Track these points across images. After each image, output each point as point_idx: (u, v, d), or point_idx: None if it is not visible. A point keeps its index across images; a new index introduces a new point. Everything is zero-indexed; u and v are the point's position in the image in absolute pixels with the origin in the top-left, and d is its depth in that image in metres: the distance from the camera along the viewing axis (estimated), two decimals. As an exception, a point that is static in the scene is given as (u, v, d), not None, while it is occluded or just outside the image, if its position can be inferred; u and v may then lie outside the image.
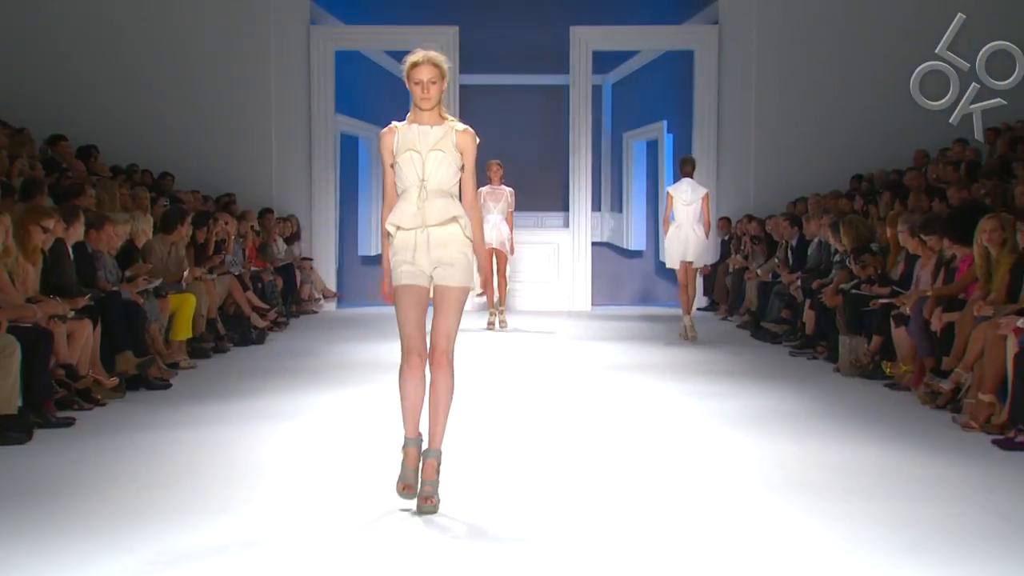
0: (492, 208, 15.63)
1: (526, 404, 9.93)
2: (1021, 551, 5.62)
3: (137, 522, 6.05)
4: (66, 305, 9.52)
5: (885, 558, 5.46)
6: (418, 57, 6.45)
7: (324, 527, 6.01)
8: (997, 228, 9.85)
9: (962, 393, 9.31)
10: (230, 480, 7.06)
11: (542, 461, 7.66)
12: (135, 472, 7.32)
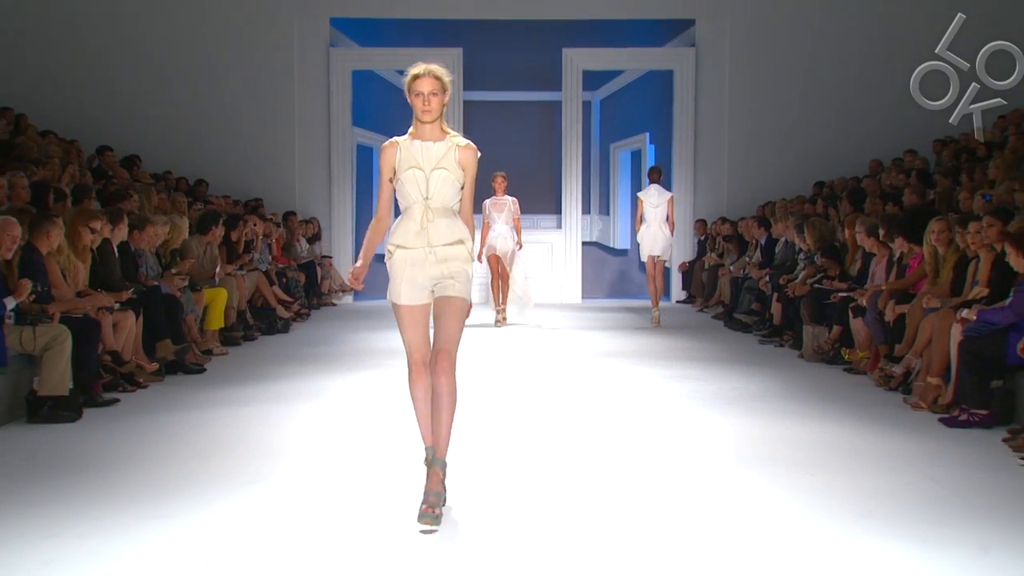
0: (497, 218, 15.02)
1: (523, 388, 9.94)
2: (963, 517, 5.63)
3: (176, 491, 6.08)
4: (112, 298, 9.55)
5: (843, 523, 5.47)
6: (419, 69, 5.78)
7: (344, 496, 6.02)
8: (944, 229, 9.89)
9: (912, 377, 9.34)
10: (259, 454, 7.07)
11: (538, 438, 7.68)
12: (174, 447, 7.33)
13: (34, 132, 15.59)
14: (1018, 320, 7.86)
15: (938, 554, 5.00)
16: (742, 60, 18.81)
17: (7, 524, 5.46)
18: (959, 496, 6.11)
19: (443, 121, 5.82)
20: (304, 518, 5.57)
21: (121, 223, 10.59)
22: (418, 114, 5.73)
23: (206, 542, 5.17)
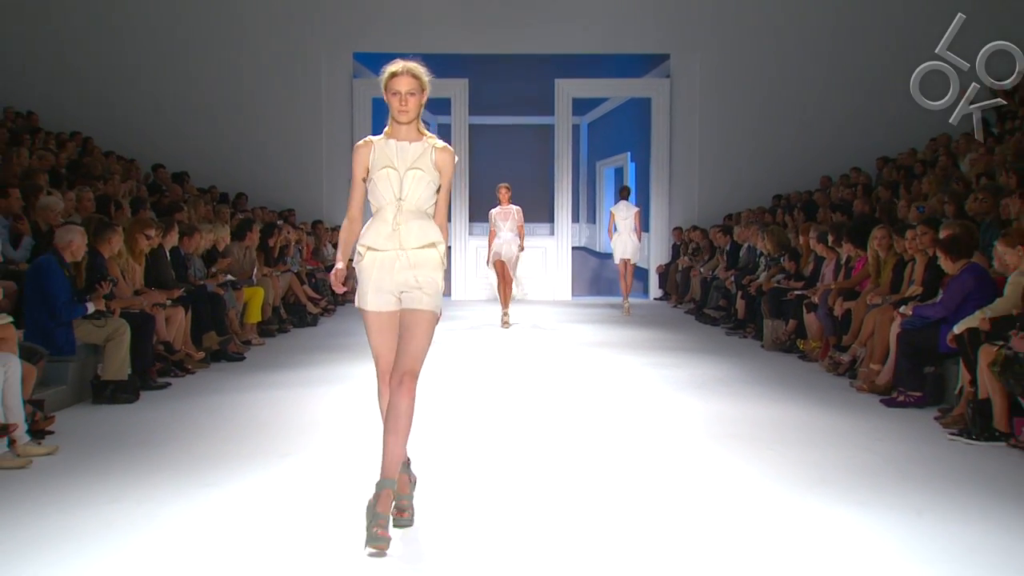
0: (502, 226, 14.18)
1: (521, 374, 9.96)
2: (900, 484, 5.66)
3: (220, 463, 6.10)
4: (164, 295, 9.57)
5: (798, 490, 5.49)
6: (397, 67, 4.93)
7: (366, 468, 6.03)
8: (885, 236, 9.92)
9: (857, 364, 9.36)
10: (292, 431, 7.09)
11: (532, 417, 7.70)
12: (218, 425, 7.36)
13: (99, 153, 15.63)
14: (948, 314, 7.88)
15: (879, 517, 5.02)
16: (711, 90, 18.82)
17: (75, 491, 5.49)
18: (897, 466, 6.14)
19: (419, 123, 4.99)
20: (331, 487, 5.58)
21: (172, 231, 10.61)
22: (394, 114, 4.89)
23: (246, 507, 5.19)
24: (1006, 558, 4.44)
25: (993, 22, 15.38)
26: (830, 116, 18.51)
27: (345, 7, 18.69)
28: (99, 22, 18.41)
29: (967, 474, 5.94)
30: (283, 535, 4.73)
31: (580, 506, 5.22)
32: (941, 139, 16.16)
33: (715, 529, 4.83)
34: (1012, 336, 6.57)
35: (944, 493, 5.49)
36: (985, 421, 6.73)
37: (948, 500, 5.34)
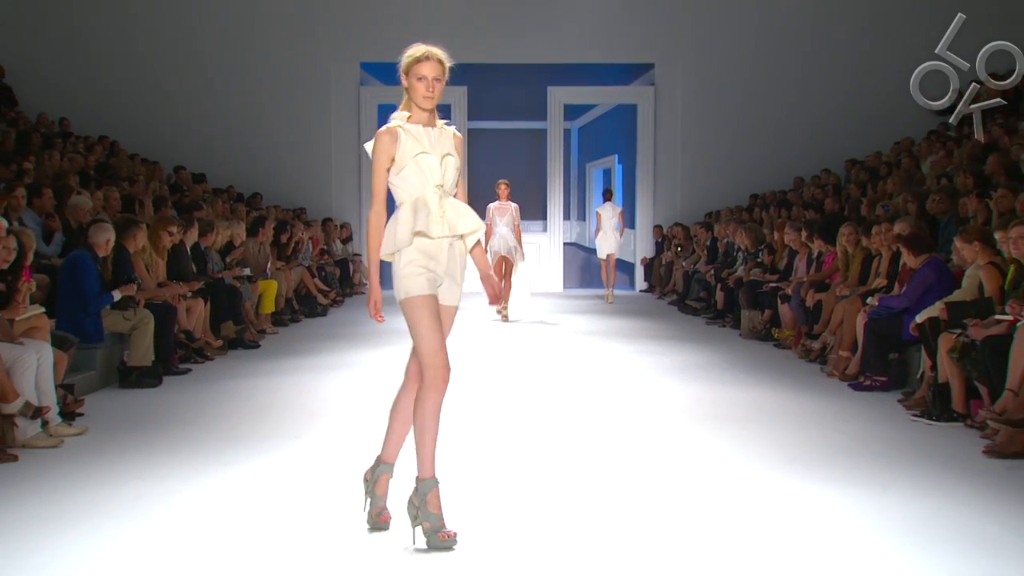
0: (499, 222, 13.37)
1: (517, 361, 9.98)
2: (867, 462, 5.68)
3: (236, 443, 6.11)
4: (185, 287, 9.56)
5: (772, 468, 5.52)
6: (421, 51, 4.37)
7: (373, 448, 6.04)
8: (852, 232, 9.93)
9: (827, 351, 9.37)
10: (303, 414, 7.10)
11: (528, 400, 7.72)
12: (235, 407, 7.36)
13: (124, 155, 15.61)
14: (910, 305, 7.90)
15: (847, 491, 5.04)
16: (692, 97, 18.82)
17: (104, 468, 5.50)
18: (864, 445, 6.17)
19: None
20: (340, 466, 5.59)
21: (192, 227, 10.59)
22: (419, 100, 4.34)
23: (261, 484, 5.21)
24: (963, 528, 4.47)
25: (993, 22, 15.10)
26: (802, 121, 18.52)
27: (353, 19, 18.65)
28: (125, 37, 18.39)
29: (928, 452, 5.96)
30: (294, 511, 4.75)
31: (569, 483, 5.23)
32: (904, 142, 16.20)
33: (695, 504, 4.85)
34: (969, 325, 6.60)
35: (907, 470, 5.51)
36: (944, 403, 6.76)
37: (910, 476, 5.36)
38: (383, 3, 18.61)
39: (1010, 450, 5.72)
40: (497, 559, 4.08)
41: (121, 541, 4.29)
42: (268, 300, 12.07)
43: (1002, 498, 4.94)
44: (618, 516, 4.64)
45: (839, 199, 14.24)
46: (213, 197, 15.40)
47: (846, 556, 4.11)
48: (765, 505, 4.82)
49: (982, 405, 6.42)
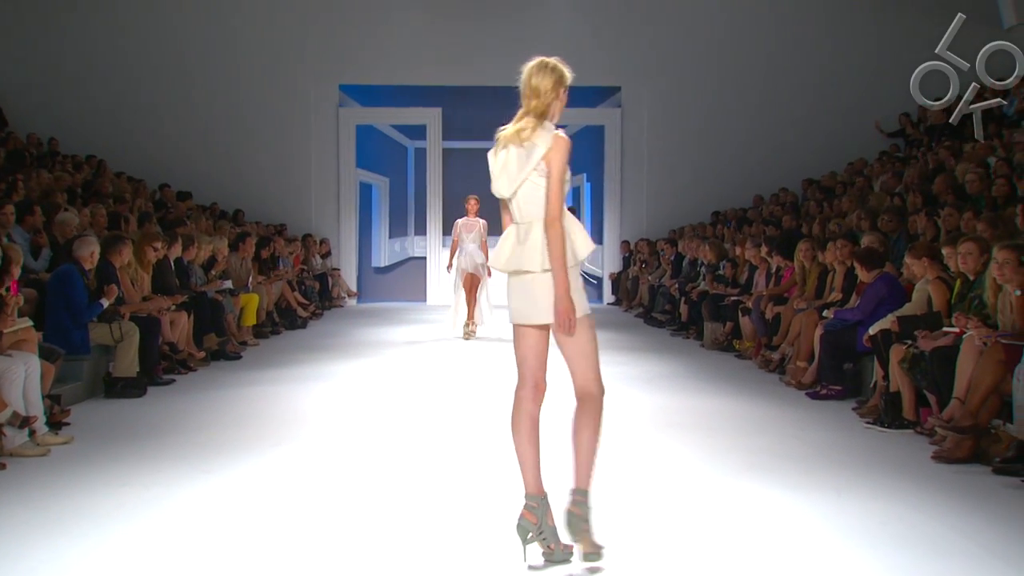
0: (466, 238, 12.67)
1: (489, 371, 9.97)
2: (822, 467, 5.72)
3: (218, 452, 6.08)
4: (169, 301, 9.50)
5: (732, 473, 5.54)
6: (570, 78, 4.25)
7: (351, 456, 6.04)
8: (809, 248, 10.01)
9: (786, 361, 9.43)
10: (283, 423, 7.07)
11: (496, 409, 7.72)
12: (217, 417, 7.32)
13: (111, 173, 15.51)
14: (864, 317, 7.97)
15: (804, 496, 5.07)
16: (657, 118, 18.92)
17: (89, 476, 5.46)
18: (820, 452, 6.20)
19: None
20: (319, 473, 5.58)
21: (176, 243, 10.53)
22: (557, 120, 4.30)
23: (243, 492, 5.18)
24: (914, 530, 4.51)
25: (993, 22, 15.04)
26: (762, 142, 18.65)
27: (331, 43, 18.64)
28: (113, 60, 18.28)
29: (880, 458, 6.01)
30: (275, 516, 4.73)
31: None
32: (858, 163, 16.39)
33: (659, 508, 4.87)
34: (919, 336, 6.68)
35: (861, 474, 5.56)
36: (896, 411, 6.82)
37: (864, 480, 5.41)
38: (361, 28, 18.61)
39: (957, 455, 5.78)
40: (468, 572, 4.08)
41: (107, 547, 4.26)
42: (250, 313, 12.02)
43: (950, 501, 4.99)
44: (601, 532, 4.65)
45: (797, 216, 14.36)
46: (197, 214, 15.33)
47: (803, 557, 4.14)
48: (726, 509, 4.85)
49: (931, 413, 6.49)
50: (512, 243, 4.01)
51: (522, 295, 4.01)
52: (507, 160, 4.03)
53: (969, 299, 6.64)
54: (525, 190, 3.98)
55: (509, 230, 4.06)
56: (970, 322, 6.17)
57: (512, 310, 4.08)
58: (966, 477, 5.49)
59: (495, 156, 4.12)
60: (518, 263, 3.98)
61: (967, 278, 6.82)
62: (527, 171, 3.96)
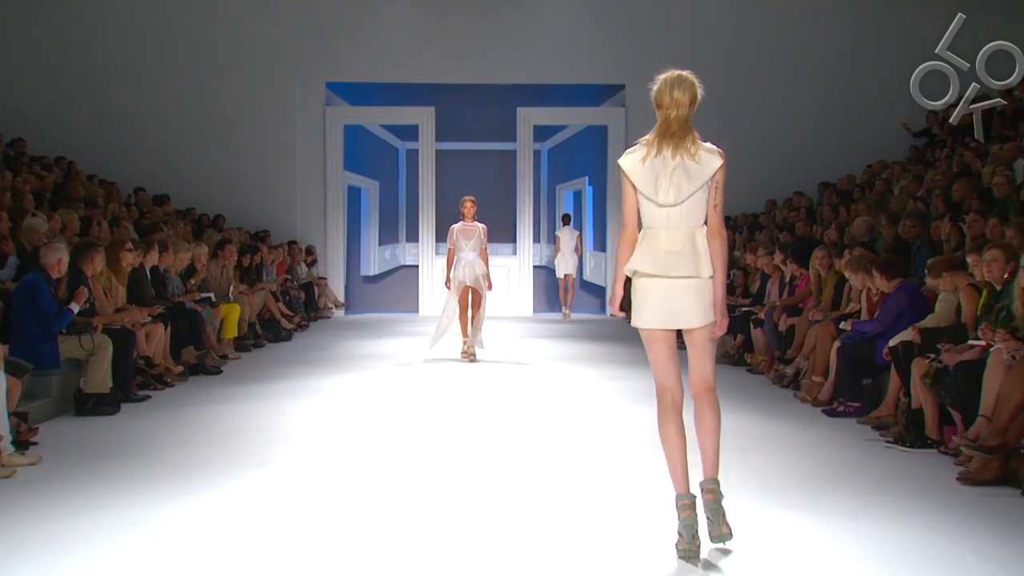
0: (464, 246, 11.80)
1: (486, 385, 9.96)
2: (840, 489, 5.72)
3: (198, 472, 6.07)
4: (144, 312, 9.50)
5: (744, 495, 5.51)
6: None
7: (339, 476, 6.03)
8: (826, 256, 10.02)
9: (801, 376, 9.44)
10: (266, 441, 7.06)
11: (494, 427, 7.72)
12: (196, 435, 7.31)
13: (82, 176, 15.50)
14: (883, 329, 7.98)
15: (820, 519, 5.07)
16: (663, 118, 18.91)
17: (61, 498, 5.45)
18: (837, 472, 6.21)
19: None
20: (306, 495, 5.57)
21: (152, 250, 10.54)
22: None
23: (224, 514, 5.17)
24: (935, 556, 4.51)
25: (993, 22, 15.21)
26: (775, 143, 18.66)
27: (318, 39, 18.67)
28: (84, 55, 18.28)
29: (901, 479, 6.01)
30: (258, 540, 4.72)
31: (537, 514, 5.23)
32: (877, 166, 16.41)
33: (665, 533, 4.86)
34: (942, 350, 6.68)
35: (880, 497, 5.56)
36: (918, 430, 6.82)
37: (883, 503, 5.40)
38: (349, 23, 18.64)
39: (983, 477, 5.78)
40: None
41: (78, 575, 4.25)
42: (230, 325, 12.01)
43: (976, 526, 4.99)
44: (588, 548, 4.65)
45: (812, 222, 14.38)
46: (174, 219, 15.33)
47: (819, 584, 4.14)
48: (737, 532, 4.84)
49: (956, 431, 6.49)
50: (666, 249, 4.46)
51: (675, 300, 4.49)
52: (674, 169, 4.47)
53: (996, 310, 6.64)
54: (693, 200, 4.46)
55: (652, 234, 4.49)
56: (997, 334, 6.17)
57: (653, 314, 4.54)
58: (993, 500, 5.49)
59: (643, 162, 4.52)
60: (690, 269, 4.44)
61: (994, 288, 6.82)
62: (701, 184, 4.47)
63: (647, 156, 4.51)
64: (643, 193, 4.49)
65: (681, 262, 4.43)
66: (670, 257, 4.44)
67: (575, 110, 20.21)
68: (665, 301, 4.49)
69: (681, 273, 4.44)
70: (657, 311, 4.51)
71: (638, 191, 4.51)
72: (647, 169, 4.48)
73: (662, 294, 4.48)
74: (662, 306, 4.50)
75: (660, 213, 4.48)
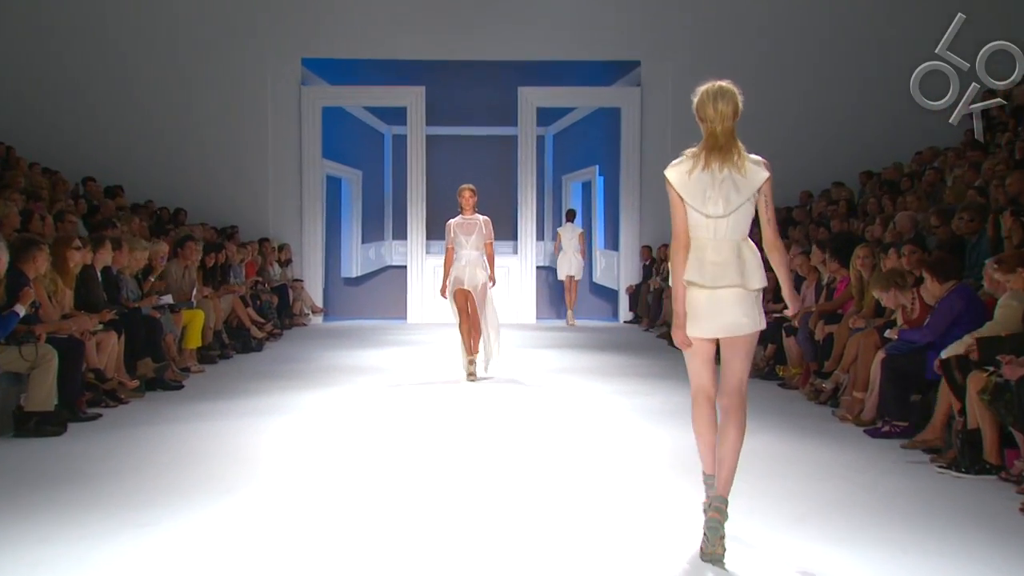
0: (465, 243, 11.29)
1: (485, 403, 9.95)
2: (885, 520, 5.71)
3: (156, 501, 6.05)
4: (95, 319, 9.49)
5: (777, 527, 5.52)
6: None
7: (315, 505, 6.02)
8: (868, 255, 10.00)
9: (840, 391, 9.42)
10: (233, 466, 7.04)
11: (495, 450, 7.70)
12: (153, 459, 7.29)
13: (23, 164, 15.49)
14: (935, 339, 7.96)
15: (863, 555, 5.06)
16: (684, 99, 18.67)
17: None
18: (882, 501, 6.19)
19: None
20: (278, 526, 5.56)
21: (104, 249, 10.51)
22: None
23: (186, 549, 5.15)
24: (996, 597, 4.50)
25: (993, 22, 15.40)
26: (811, 127, 18.67)
27: (292, 9, 18.71)
28: (25, 23, 18.30)
29: (955, 509, 6.00)
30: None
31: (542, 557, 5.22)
32: (927, 153, 16.37)
33: (687, 567, 4.84)
34: (1003, 362, 6.64)
35: (931, 530, 5.54)
36: (974, 453, 6.80)
37: (935, 537, 5.39)
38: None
39: (1049, 506, 5.77)
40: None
41: (18, 617, 4.24)
42: (193, 333, 12.00)
43: (1040, 561, 4.98)
44: (600, 584, 4.64)
45: (853, 216, 14.37)
46: (129, 214, 15.33)
47: (862, 629, 4.13)
48: (769, 568, 4.83)
49: (1019, 455, 6.47)
50: (712, 260, 5.04)
51: (719, 310, 5.07)
52: (722, 181, 5.03)
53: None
54: (740, 211, 5.06)
55: (699, 246, 5.06)
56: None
57: (697, 324, 5.10)
58: (1059, 532, 5.49)
59: (690, 175, 5.05)
60: (735, 279, 5.03)
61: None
62: (748, 195, 5.05)
63: (693, 169, 5.05)
64: (691, 205, 5.03)
65: (726, 272, 5.02)
66: (716, 268, 5.02)
67: (584, 90, 20.21)
68: (709, 311, 5.07)
69: (726, 283, 5.02)
70: (701, 321, 5.09)
71: (685, 202, 5.04)
72: (694, 181, 5.02)
73: (706, 304, 5.06)
74: (706, 316, 5.08)
75: (707, 224, 5.04)
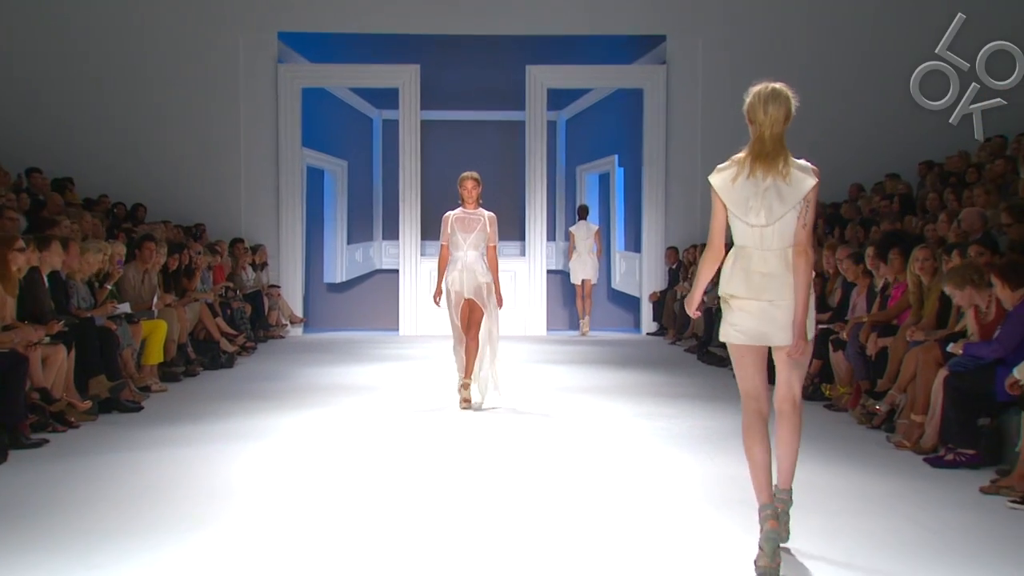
0: (463, 241, 10.77)
1: (489, 428, 9.92)
2: (951, 563, 5.68)
3: (109, 540, 6.02)
4: (41, 331, 9.47)
5: (824, 570, 5.50)
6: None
7: (293, 544, 5.99)
8: (929, 258, 9.96)
9: (896, 414, 9.38)
10: (200, 499, 7.02)
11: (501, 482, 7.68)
12: (107, 492, 7.26)
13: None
14: (1006, 354, 7.92)
15: (923, 602, 5.04)
16: (715, 78, 18.91)
17: (-74, 575, 5.42)
18: (944, 540, 6.16)
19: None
20: (250, 569, 5.54)
21: (51, 250, 10.48)
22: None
23: (142, 594, 5.15)
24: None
25: (993, 22, 15.57)
26: (861, 113, 18.63)
27: (268, -23, 18.76)
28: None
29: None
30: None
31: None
32: (997, 140, 16.31)
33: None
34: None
35: (1000, 571, 5.52)
36: (1052, 485, 6.78)
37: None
38: (309, -45, 18.72)
39: None
40: None
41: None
42: (154, 347, 12.00)
43: None
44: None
45: (910, 212, 14.32)
46: (80, 210, 15.32)
47: None
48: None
49: (1101, 487, 6.44)
50: (758, 270, 5.56)
51: (769, 318, 5.57)
52: (765, 189, 5.51)
53: None
54: (785, 220, 5.49)
55: (745, 255, 5.63)
56: None
57: (745, 331, 5.64)
58: None
59: (734, 182, 5.57)
60: (785, 290, 5.52)
61: None
62: (793, 204, 5.49)
63: (738, 176, 5.53)
64: (734, 212, 5.53)
65: (774, 284, 5.51)
66: (764, 279, 5.52)
67: (601, 69, 20.21)
68: (758, 319, 5.57)
69: (774, 295, 5.51)
70: (748, 328, 5.59)
71: (729, 210, 5.53)
72: (738, 189, 5.50)
73: (755, 311, 5.57)
74: (754, 323, 5.58)
75: (753, 232, 5.54)
